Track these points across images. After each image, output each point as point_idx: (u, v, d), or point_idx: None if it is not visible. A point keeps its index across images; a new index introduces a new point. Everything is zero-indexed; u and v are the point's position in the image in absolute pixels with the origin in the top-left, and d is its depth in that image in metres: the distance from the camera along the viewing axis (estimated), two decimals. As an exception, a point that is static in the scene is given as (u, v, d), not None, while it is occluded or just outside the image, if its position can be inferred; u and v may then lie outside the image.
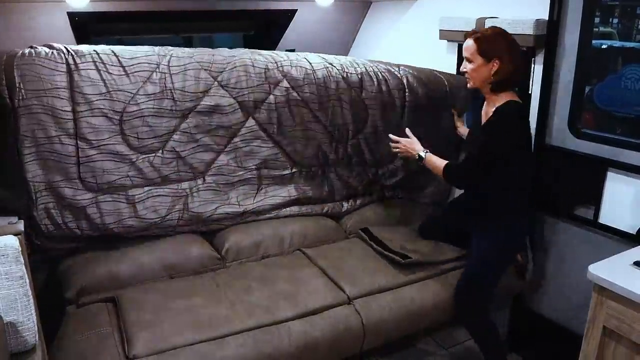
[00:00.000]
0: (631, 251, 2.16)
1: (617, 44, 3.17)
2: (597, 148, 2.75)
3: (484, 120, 2.57)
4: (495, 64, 2.40)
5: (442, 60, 3.62)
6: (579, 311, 2.90)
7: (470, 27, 3.20)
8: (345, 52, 4.56)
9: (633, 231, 2.66)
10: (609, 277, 1.95)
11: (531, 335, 2.91)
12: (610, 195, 2.75)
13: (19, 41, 3.20)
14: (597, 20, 2.97)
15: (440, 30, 3.46)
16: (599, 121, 3.01)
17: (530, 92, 3.00)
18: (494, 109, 2.47)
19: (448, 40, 3.51)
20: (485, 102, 2.63)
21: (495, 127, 2.44)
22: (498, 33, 2.43)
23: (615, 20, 3.31)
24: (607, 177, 2.74)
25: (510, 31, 2.56)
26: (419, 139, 2.76)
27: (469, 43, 2.44)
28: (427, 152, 2.66)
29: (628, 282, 1.90)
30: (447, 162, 2.56)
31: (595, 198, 2.79)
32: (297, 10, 3.94)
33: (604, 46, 3.14)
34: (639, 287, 1.87)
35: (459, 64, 3.51)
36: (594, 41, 2.95)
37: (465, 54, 2.46)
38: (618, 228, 2.72)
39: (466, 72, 2.49)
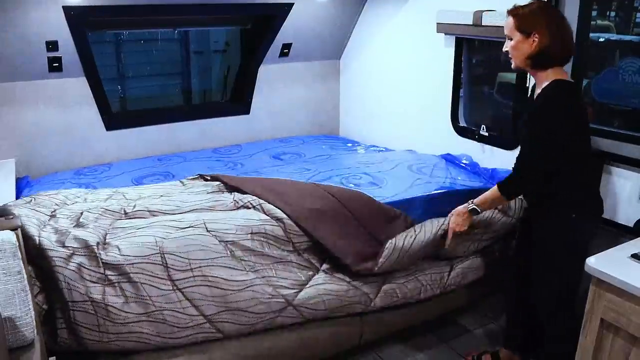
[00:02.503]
0: (629, 243, 2.16)
1: (614, 37, 3.15)
2: (595, 141, 2.74)
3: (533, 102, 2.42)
4: (535, 39, 2.26)
5: (439, 53, 3.62)
6: (577, 304, 2.91)
7: (468, 20, 3.21)
8: (343, 46, 4.56)
9: (631, 224, 2.67)
10: (607, 269, 1.94)
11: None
12: (608, 188, 2.76)
13: (14, 36, 3.19)
14: (594, 13, 2.96)
15: (437, 23, 3.46)
16: (597, 114, 3.00)
17: (527, 85, 3.00)
18: (542, 88, 2.31)
19: (445, 34, 3.50)
20: (535, 84, 2.47)
21: (540, 111, 2.29)
22: (537, 6, 2.33)
23: (613, 14, 3.29)
24: (604, 170, 2.75)
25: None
26: None
27: (508, 20, 2.33)
28: (471, 201, 2.55)
29: (626, 275, 1.90)
30: (496, 184, 2.43)
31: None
32: (293, 3, 3.92)
33: (601, 39, 3.13)
34: (636, 279, 1.87)
35: (457, 57, 3.52)
36: (591, 34, 2.94)
37: (505, 31, 2.35)
38: (616, 221, 2.73)
39: (508, 50, 2.36)
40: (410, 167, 3.40)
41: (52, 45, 3.34)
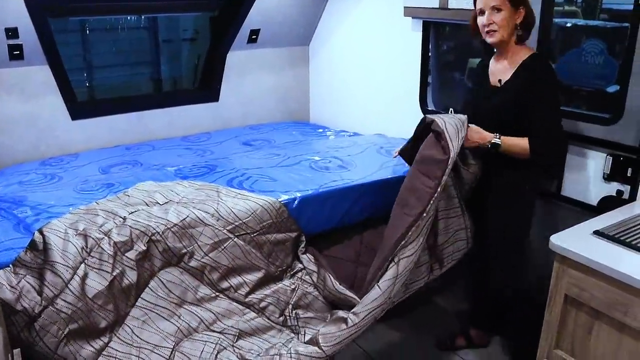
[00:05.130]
0: (592, 220, 2.21)
1: (580, 22, 3.20)
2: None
3: (500, 77, 2.50)
4: (521, 12, 2.36)
5: (407, 37, 3.62)
6: (543, 281, 2.96)
7: (434, 3, 3.22)
8: (311, 32, 4.53)
9: (595, 202, 2.72)
10: (570, 246, 1.98)
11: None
12: (572, 168, 2.80)
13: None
14: (562, -1, 3.00)
15: (404, 7, 3.46)
16: (561, 96, 3.04)
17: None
18: (521, 62, 2.41)
19: (412, 17, 3.51)
20: (493, 59, 2.58)
21: (545, 80, 2.37)
22: None
23: (580, 0, 3.34)
24: (569, 151, 2.79)
25: (472, 7, 2.55)
26: None
27: None
28: (498, 135, 2.44)
29: (588, 251, 1.94)
30: (528, 142, 2.39)
31: (557, 171, 2.83)
32: (260, -12, 3.89)
33: (568, 25, 3.17)
34: (598, 255, 1.91)
35: (424, 40, 3.53)
36: (558, 19, 2.97)
37: (492, 3, 2.34)
38: (580, 200, 2.78)
39: (493, 23, 2.36)
40: (379, 150, 3.41)
41: (11, 33, 3.25)
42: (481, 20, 2.42)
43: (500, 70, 2.51)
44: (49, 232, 2.28)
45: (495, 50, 2.57)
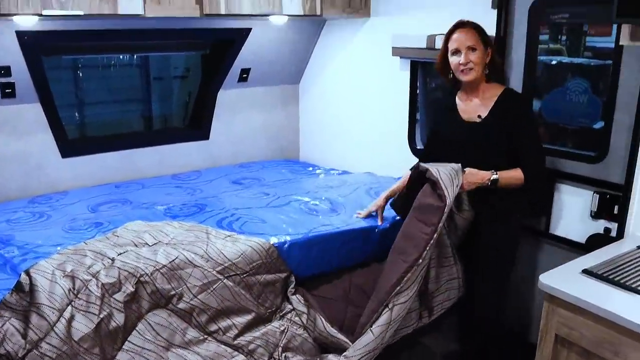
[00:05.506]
0: (580, 259, 2.21)
1: (565, 60, 3.27)
2: (547, 160, 2.81)
3: (478, 113, 2.58)
4: (489, 52, 2.53)
5: (396, 76, 3.69)
6: (533, 320, 2.95)
7: (422, 44, 3.28)
8: (301, 71, 4.60)
9: (583, 240, 2.73)
10: (559, 285, 1.99)
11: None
12: (560, 205, 2.82)
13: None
14: (547, 37, 3.06)
15: (392, 47, 3.52)
16: (547, 134, 3.09)
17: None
18: (496, 99, 2.55)
19: (401, 57, 3.57)
20: (460, 98, 2.68)
21: (526, 112, 2.57)
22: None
23: (564, 38, 3.41)
24: (555, 188, 2.81)
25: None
26: None
27: (471, 32, 2.50)
28: (495, 171, 2.52)
29: (577, 290, 1.94)
30: (518, 169, 2.53)
31: (544, 208, 2.86)
32: (251, 29, 3.95)
33: (553, 62, 3.24)
34: (587, 294, 1.91)
35: (412, 79, 3.59)
36: (544, 57, 3.03)
37: (468, 43, 2.48)
38: (568, 238, 2.79)
39: (470, 62, 2.48)
40: (368, 190, 3.39)
41: (4, 71, 3.27)
42: (455, 59, 2.52)
43: (473, 108, 2.61)
44: (35, 274, 2.24)
45: (460, 89, 2.68)
